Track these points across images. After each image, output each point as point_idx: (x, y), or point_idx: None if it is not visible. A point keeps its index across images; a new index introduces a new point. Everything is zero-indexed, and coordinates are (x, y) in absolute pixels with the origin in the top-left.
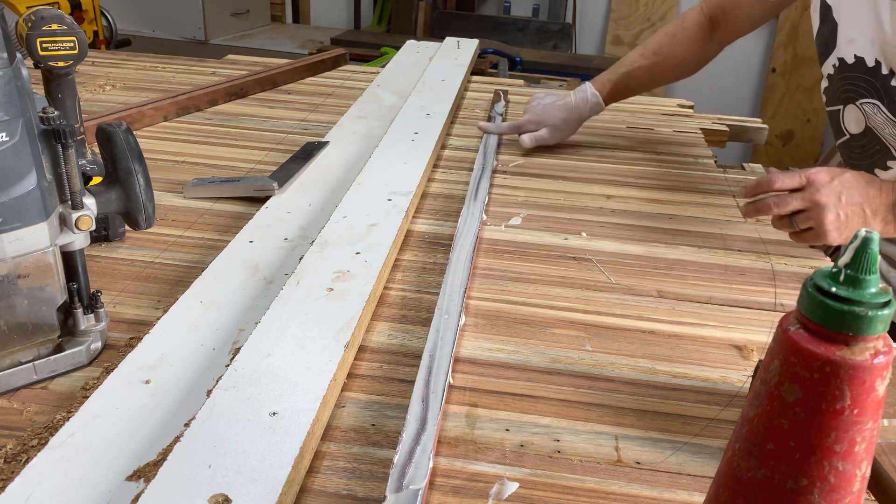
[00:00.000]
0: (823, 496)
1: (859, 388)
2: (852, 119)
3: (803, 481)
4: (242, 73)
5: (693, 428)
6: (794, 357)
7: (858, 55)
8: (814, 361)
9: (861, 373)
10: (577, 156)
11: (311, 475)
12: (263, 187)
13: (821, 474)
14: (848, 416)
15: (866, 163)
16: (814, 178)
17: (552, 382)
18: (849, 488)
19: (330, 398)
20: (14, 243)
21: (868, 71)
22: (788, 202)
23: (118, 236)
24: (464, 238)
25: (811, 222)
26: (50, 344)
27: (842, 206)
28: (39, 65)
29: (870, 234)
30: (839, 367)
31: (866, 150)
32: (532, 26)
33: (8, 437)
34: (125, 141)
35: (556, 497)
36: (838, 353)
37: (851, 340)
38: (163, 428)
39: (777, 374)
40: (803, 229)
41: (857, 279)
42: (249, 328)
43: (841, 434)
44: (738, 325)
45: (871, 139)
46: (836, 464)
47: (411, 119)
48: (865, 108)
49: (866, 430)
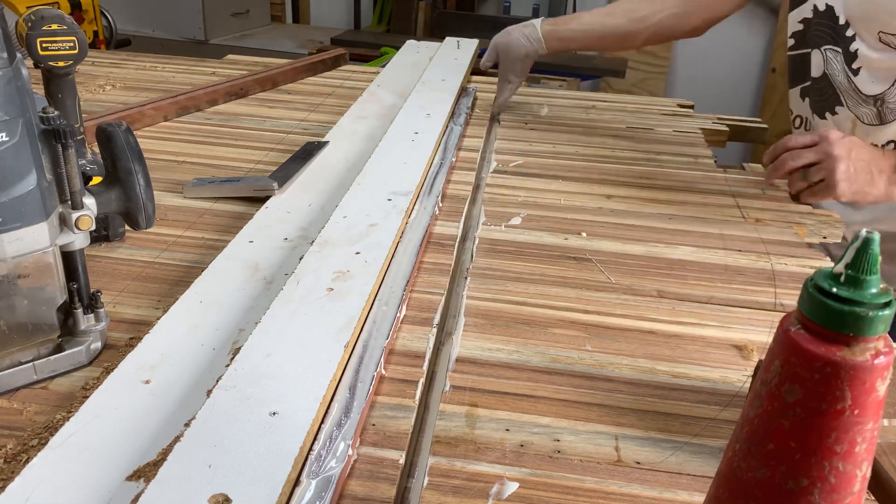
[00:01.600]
0: (824, 496)
1: (860, 389)
2: (814, 64)
3: (804, 482)
4: (242, 73)
5: (693, 428)
6: (794, 357)
7: (829, 4)
8: (814, 362)
9: (862, 373)
10: (577, 156)
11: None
12: (263, 187)
13: (821, 475)
14: (848, 417)
15: (818, 107)
16: (826, 134)
17: (552, 382)
18: (849, 489)
19: (330, 398)
20: (14, 243)
21: (833, 20)
22: (803, 154)
23: (118, 236)
24: (412, 231)
25: (823, 173)
26: (50, 344)
27: (852, 159)
28: (39, 65)
29: (870, 234)
30: (840, 368)
31: (822, 95)
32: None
33: (8, 437)
34: (125, 141)
35: (556, 497)
36: (839, 354)
37: (852, 341)
38: (163, 428)
39: (778, 375)
40: (815, 182)
41: (857, 279)
42: (249, 328)
43: (841, 434)
44: (738, 325)
45: (825, 84)
46: (837, 464)
47: (411, 119)
48: (828, 55)
49: (867, 431)
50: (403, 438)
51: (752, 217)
